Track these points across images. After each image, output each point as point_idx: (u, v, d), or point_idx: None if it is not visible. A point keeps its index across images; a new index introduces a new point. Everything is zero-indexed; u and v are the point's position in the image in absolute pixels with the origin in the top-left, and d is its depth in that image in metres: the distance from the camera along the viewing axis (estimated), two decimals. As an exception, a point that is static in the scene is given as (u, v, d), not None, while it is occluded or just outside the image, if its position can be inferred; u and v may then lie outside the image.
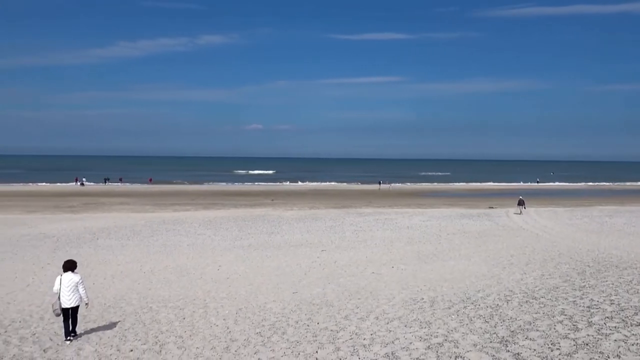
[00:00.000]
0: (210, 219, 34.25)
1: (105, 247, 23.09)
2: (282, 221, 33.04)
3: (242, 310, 12.20)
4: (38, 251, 21.88)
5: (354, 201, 51.37)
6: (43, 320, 11.65)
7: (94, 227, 29.68)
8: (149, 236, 26.36)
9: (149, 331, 10.55)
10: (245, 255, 21.14)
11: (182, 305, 12.96)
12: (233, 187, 77.55)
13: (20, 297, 14.21)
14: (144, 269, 18.32)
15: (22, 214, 37.35)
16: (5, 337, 10.22)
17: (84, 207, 43.62)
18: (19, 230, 28.13)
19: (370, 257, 20.12)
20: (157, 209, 42.31)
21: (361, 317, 11.05)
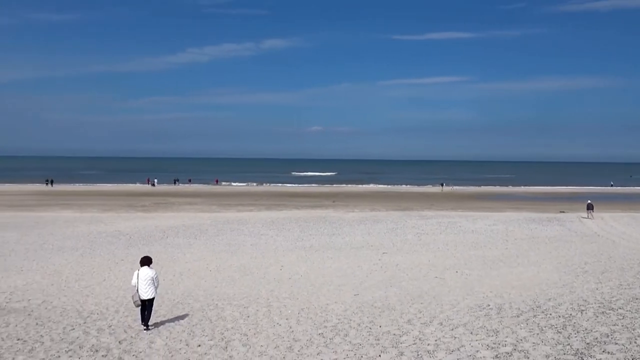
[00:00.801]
0: (273, 219, 34.87)
1: (174, 245, 24.06)
2: (343, 223, 33.08)
3: (304, 311, 12.32)
4: (113, 247, 23.15)
5: (416, 203, 50.57)
6: (118, 313, 12.31)
7: (164, 225, 31.03)
8: (215, 235, 27.21)
9: (215, 328, 10.88)
10: (306, 256, 21.34)
11: (246, 303, 13.26)
12: (295, 189, 78.58)
13: (97, 291, 15.08)
14: (209, 267, 18.92)
15: (98, 212, 39.68)
16: (84, 328, 10.89)
17: (154, 206, 45.72)
18: (96, 227, 29.90)
19: (432, 261, 19.72)
20: (222, 209, 43.61)
21: (424, 322, 10.85)
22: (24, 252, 21.71)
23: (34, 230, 28.17)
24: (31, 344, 9.71)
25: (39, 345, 9.58)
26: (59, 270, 18.13)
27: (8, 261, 19.59)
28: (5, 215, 36.29)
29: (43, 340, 9.92)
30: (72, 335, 10.29)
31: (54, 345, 9.58)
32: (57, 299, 14.02)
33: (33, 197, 54.21)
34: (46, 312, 12.42)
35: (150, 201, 51.05)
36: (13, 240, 24.85)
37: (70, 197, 54.76)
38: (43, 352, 9.17)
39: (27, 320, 11.63)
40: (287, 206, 46.61)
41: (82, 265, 19.01)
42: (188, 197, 58.20)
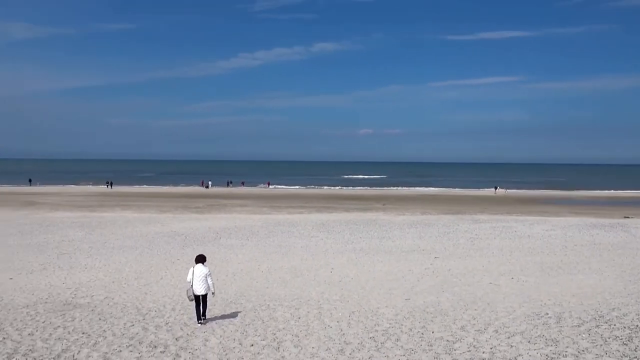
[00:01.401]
0: (323, 222, 35.02)
1: (226, 246, 24.62)
2: (394, 226, 32.78)
3: (354, 314, 12.30)
4: (169, 247, 23.96)
5: (468, 207, 49.40)
6: (175, 311, 12.73)
7: (217, 226, 31.82)
8: (266, 237, 27.63)
9: (267, 328, 11.05)
10: (356, 259, 21.29)
11: (297, 305, 13.39)
12: (344, 191, 78.62)
13: (155, 289, 15.66)
14: (261, 268, 19.23)
15: (155, 213, 41.19)
16: (143, 324, 11.34)
17: (208, 208, 46.98)
18: (154, 228, 31.05)
19: (486, 267, 19.20)
20: (273, 211, 44.24)
21: (479, 329, 10.58)
22: (88, 250, 22.86)
23: (96, 230, 29.59)
24: (95, 338, 10.21)
25: (102, 340, 10.06)
26: (119, 268, 18.97)
27: (73, 259, 20.67)
28: (72, 215, 38.33)
29: (106, 335, 10.41)
30: (132, 331, 10.74)
31: (116, 340, 10.03)
32: (118, 295, 14.67)
33: (95, 199, 56.99)
34: (108, 308, 13.01)
35: (204, 203, 52.47)
36: (78, 238, 26.21)
37: (129, 199, 57.15)
38: (106, 346, 9.61)
39: (91, 315, 12.23)
40: (337, 209, 46.69)
41: (140, 264, 19.79)
42: (240, 199, 59.42)
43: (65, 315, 12.18)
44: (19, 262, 19.74)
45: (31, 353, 9.15)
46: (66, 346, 9.59)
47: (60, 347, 9.50)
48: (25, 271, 18.01)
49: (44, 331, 10.67)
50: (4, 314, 12.17)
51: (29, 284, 15.98)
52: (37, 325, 11.14)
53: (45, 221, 33.69)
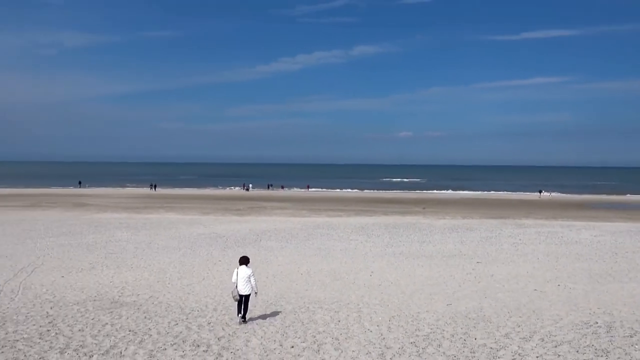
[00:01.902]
0: (362, 225, 34.90)
1: (267, 248, 24.89)
2: (434, 230, 32.32)
3: (395, 318, 12.20)
4: (211, 249, 24.43)
5: (512, 211, 48.12)
6: (216, 312, 12.97)
7: (257, 229, 32.22)
8: (305, 240, 27.77)
9: (307, 330, 11.11)
10: (396, 263, 21.11)
11: (337, 308, 13.39)
12: (384, 194, 78.12)
13: (197, 289, 16.00)
14: (300, 271, 19.34)
15: (198, 215, 42.10)
16: (187, 324, 11.61)
17: (248, 210, 47.64)
18: (196, 229, 31.74)
19: (531, 273, 18.65)
20: (312, 214, 44.42)
21: (524, 337, 10.29)
22: (134, 250, 23.59)
23: (142, 231, 30.51)
24: (141, 335, 10.53)
25: (147, 338, 10.36)
26: (163, 268, 19.48)
27: (120, 258, 21.38)
28: (119, 216, 39.67)
29: (151, 333, 10.71)
30: (176, 330, 11.01)
31: (161, 338, 10.31)
32: (162, 295, 15.07)
33: (141, 200, 58.77)
34: (153, 307, 13.39)
35: (245, 205, 53.25)
36: (124, 239, 27.09)
37: (173, 201, 58.65)
38: (151, 344, 9.90)
39: (137, 313, 12.61)
40: (377, 212, 46.43)
41: (184, 265, 20.26)
42: (280, 201, 59.98)
43: (112, 312, 12.61)
44: (69, 261, 20.57)
45: (82, 348, 9.52)
46: (114, 343, 9.93)
47: (108, 344, 9.85)
48: (75, 270, 18.76)
49: (93, 328, 11.08)
50: (56, 311, 12.72)
51: (79, 282, 16.64)
52: (87, 322, 11.58)
53: (94, 222, 35.00)
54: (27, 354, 9.08)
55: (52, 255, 21.60)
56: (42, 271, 18.27)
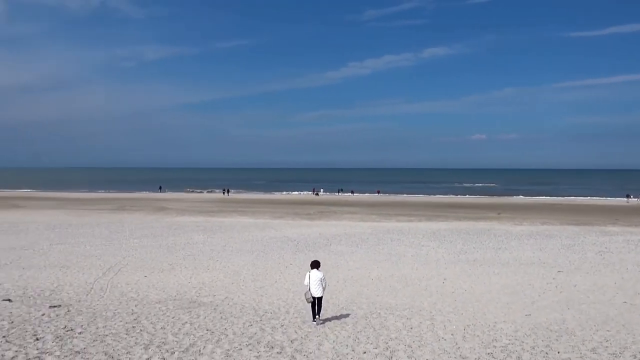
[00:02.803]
0: (434, 230, 34.16)
1: (337, 252, 24.99)
2: (510, 236, 31.00)
3: (470, 327, 11.81)
4: (283, 252, 24.90)
5: (596, 218, 45.14)
6: (289, 314, 13.18)
7: (327, 233, 32.44)
8: (375, 245, 27.60)
9: (379, 336, 11.01)
10: (470, 270, 20.46)
11: (409, 314, 13.18)
12: (455, 199, 76.01)
13: (270, 292, 16.35)
14: (371, 276, 19.24)
15: (270, 219, 43.07)
16: (261, 325, 11.89)
17: (318, 214, 48.10)
18: (268, 233, 32.49)
19: (620, 284, 17.40)
20: (382, 218, 44.09)
21: (613, 353, 9.62)
22: (210, 252, 24.53)
23: (217, 234, 31.67)
24: (218, 335, 10.91)
25: (224, 337, 10.71)
26: (237, 270, 20.10)
27: (197, 260, 22.30)
28: (195, 219, 41.44)
29: (227, 333, 11.07)
30: (251, 331, 11.30)
31: (236, 339, 10.62)
32: (237, 296, 15.55)
33: (215, 204, 61.05)
34: (228, 308, 13.84)
35: (315, 210, 53.80)
36: (201, 241, 28.25)
37: (245, 205, 60.40)
38: (228, 344, 10.23)
39: (214, 313, 13.09)
40: (449, 217, 45.27)
41: (257, 267, 20.79)
42: (350, 206, 60.04)
43: (191, 312, 13.16)
44: (151, 261, 21.74)
45: (164, 345, 10.01)
46: (193, 341, 10.36)
47: (188, 342, 10.29)
48: (157, 270, 19.79)
49: (174, 326, 11.62)
50: (140, 308, 13.47)
51: (160, 282, 17.53)
52: (168, 320, 12.16)
53: (173, 225, 36.78)
54: (115, 348, 9.68)
55: (136, 256, 22.92)
56: (127, 271, 19.44)
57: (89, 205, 56.62)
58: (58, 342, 9.87)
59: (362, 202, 68.26)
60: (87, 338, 10.28)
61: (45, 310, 12.70)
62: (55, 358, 8.93)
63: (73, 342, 9.92)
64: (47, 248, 24.92)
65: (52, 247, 25.15)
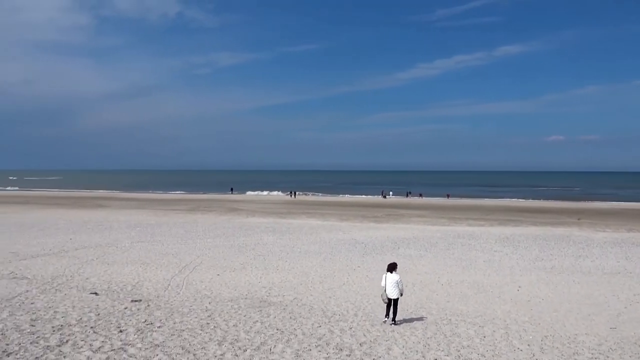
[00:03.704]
0: (507, 235, 32.83)
1: (405, 256, 24.64)
2: (592, 244, 29.16)
3: (548, 339, 11.24)
4: (350, 255, 24.90)
5: (691, 225, 41.43)
6: (357, 317, 13.16)
7: (395, 236, 32.07)
8: (445, 249, 26.94)
9: (450, 343, 10.74)
10: (548, 278, 19.46)
11: (481, 322, 12.75)
12: (530, 203, 72.60)
13: (338, 294, 16.41)
14: (441, 281, 18.80)
15: (337, 221, 43.23)
16: (329, 327, 11.96)
17: (386, 217, 47.68)
18: (336, 235, 32.62)
19: None
20: (452, 222, 42.97)
21: None
22: (279, 253, 25.00)
23: (286, 235, 32.22)
24: (287, 335, 11.10)
25: (293, 337, 10.88)
26: (306, 271, 20.34)
27: (267, 260, 22.81)
28: (265, 221, 42.41)
29: (296, 333, 11.23)
30: (320, 332, 11.40)
31: (306, 339, 10.75)
32: (305, 297, 15.74)
33: (283, 206, 62.16)
34: (297, 308, 14.04)
35: (382, 212, 53.39)
36: (270, 242, 28.86)
37: (312, 207, 61.01)
38: (297, 344, 10.38)
39: (283, 313, 13.33)
40: (523, 222, 43.32)
41: (324, 269, 20.94)
42: (418, 209, 59.04)
43: (262, 311, 13.48)
44: (223, 260, 22.49)
45: (236, 342, 10.33)
46: (264, 339, 10.61)
47: (259, 340, 10.55)
48: (229, 269, 20.45)
49: (246, 324, 11.96)
50: (214, 306, 13.97)
51: (232, 281, 18.10)
52: (240, 318, 12.53)
53: (244, 225, 37.84)
54: (191, 343, 10.11)
55: (209, 255, 23.80)
56: (201, 269, 20.24)
57: (165, 206, 59.54)
58: (139, 335, 10.45)
59: (431, 205, 66.87)
60: (166, 332, 10.80)
61: (128, 304, 13.48)
62: (137, 350, 9.45)
63: (153, 336, 10.46)
64: (128, 246, 26.47)
65: (133, 245, 26.67)
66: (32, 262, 20.66)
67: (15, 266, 19.48)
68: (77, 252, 23.80)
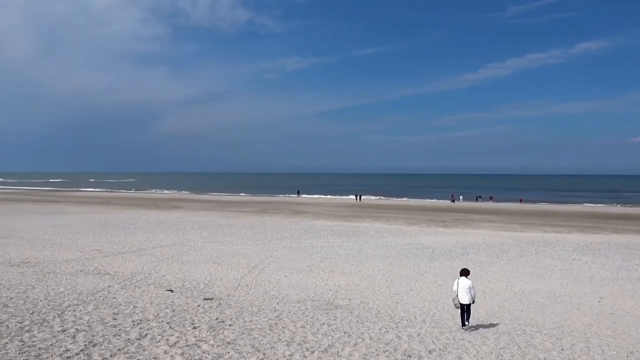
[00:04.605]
0: (587, 243, 30.96)
1: (474, 262, 23.87)
2: (684, 254, 26.85)
3: (634, 355, 10.49)
4: (417, 259, 24.48)
5: None
6: (425, 323, 12.91)
7: (464, 242, 31.17)
8: (518, 256, 25.84)
9: (525, 355, 10.28)
10: (633, 289, 18.15)
11: (559, 334, 12.11)
12: (613, 209, 68.02)
13: (405, 299, 16.17)
14: (514, 289, 18.05)
15: (403, 225, 42.67)
16: (397, 332, 11.81)
17: (454, 222, 46.46)
18: (402, 239, 32.19)
19: None
20: (525, 228, 41.14)
21: None
22: (345, 256, 25.04)
23: (352, 238, 32.22)
24: (355, 338, 11.07)
25: (361, 341, 10.84)
26: (372, 275, 20.23)
27: (333, 263, 22.91)
28: (331, 223, 42.65)
29: (364, 337, 11.18)
30: (387, 337, 11.28)
31: (373, 344, 10.68)
32: (372, 301, 15.65)
33: (349, 209, 62.19)
34: (364, 312, 13.98)
35: (451, 217, 52.08)
36: (336, 245, 28.97)
37: (378, 210, 60.59)
38: (365, 348, 10.33)
39: (350, 317, 13.32)
40: (604, 229, 40.68)
41: (391, 273, 20.72)
42: (488, 214, 57.07)
43: (328, 313, 13.55)
44: (290, 262, 22.85)
45: (304, 343, 10.44)
46: (331, 342, 10.65)
47: (326, 342, 10.60)
48: (295, 271, 20.74)
49: (313, 326, 12.06)
50: (282, 306, 14.22)
51: (299, 282, 18.34)
52: (307, 320, 12.66)
53: (310, 228, 38.25)
54: (261, 342, 10.34)
55: (277, 257, 24.27)
56: (269, 270, 20.67)
57: (235, 208, 61.40)
58: (212, 332, 10.83)
59: (503, 210, 64.35)
60: (236, 330, 11.12)
61: (200, 302, 14.02)
62: (209, 346, 9.80)
63: (224, 333, 10.81)
64: (201, 245, 27.53)
65: (205, 245, 27.71)
66: (113, 259, 22.00)
67: (99, 262, 20.83)
68: (154, 250, 25.07)
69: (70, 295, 13.89)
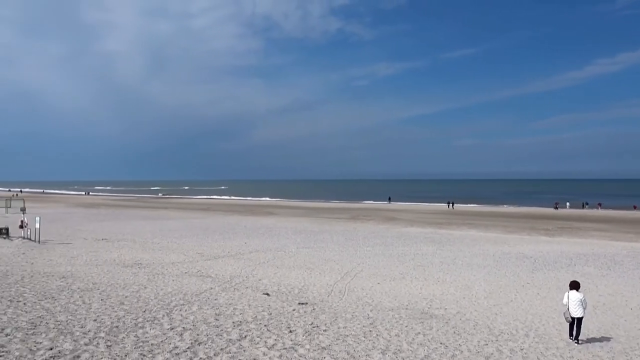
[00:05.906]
0: None
1: (582, 274, 22.16)
2: None
3: None
4: (518, 270, 23.20)
5: None
6: (528, 338, 12.20)
7: (570, 252, 29.06)
8: (634, 269, 23.60)
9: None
10: None
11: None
12: None
13: (505, 311, 15.39)
14: (629, 305, 16.51)
15: (502, 233, 40.68)
16: (497, 346, 11.27)
17: (559, 230, 43.49)
18: (500, 248, 30.70)
19: None
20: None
21: None
22: (439, 264, 24.38)
23: (446, 246, 31.31)
24: (452, 350, 10.73)
25: (458, 354, 10.48)
26: (469, 285, 19.49)
27: (427, 271, 22.40)
28: (423, 231, 41.78)
29: (462, 349, 10.80)
30: (487, 351, 10.81)
31: (472, 357, 10.28)
32: (469, 312, 15.08)
33: (441, 216, 60.50)
34: (461, 323, 13.51)
35: (554, 225, 48.83)
36: (430, 253, 28.30)
37: (472, 217, 58.31)
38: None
39: (446, 327, 12.93)
40: None
41: (489, 283, 19.83)
42: (597, 222, 52.75)
43: (423, 323, 13.26)
44: (383, 269, 22.67)
45: (399, 353, 10.30)
46: (427, 353, 10.40)
47: (422, 353, 10.37)
48: (388, 278, 20.54)
49: (407, 335, 11.87)
50: (375, 314, 14.14)
51: (392, 290, 18.14)
52: (402, 328, 12.48)
53: (403, 235, 37.73)
54: (356, 349, 10.35)
55: (369, 263, 24.21)
56: (362, 277, 20.67)
57: (326, 214, 62.20)
58: (307, 337, 11.04)
59: (613, 218, 59.13)
60: (331, 336, 11.24)
61: (295, 306, 14.35)
62: (306, 350, 10.00)
63: (319, 338, 10.97)
64: (294, 251, 28.21)
65: (299, 250, 28.35)
66: (214, 262, 23.21)
67: (201, 265, 22.08)
68: (251, 255, 26.10)
69: (176, 295, 14.85)
